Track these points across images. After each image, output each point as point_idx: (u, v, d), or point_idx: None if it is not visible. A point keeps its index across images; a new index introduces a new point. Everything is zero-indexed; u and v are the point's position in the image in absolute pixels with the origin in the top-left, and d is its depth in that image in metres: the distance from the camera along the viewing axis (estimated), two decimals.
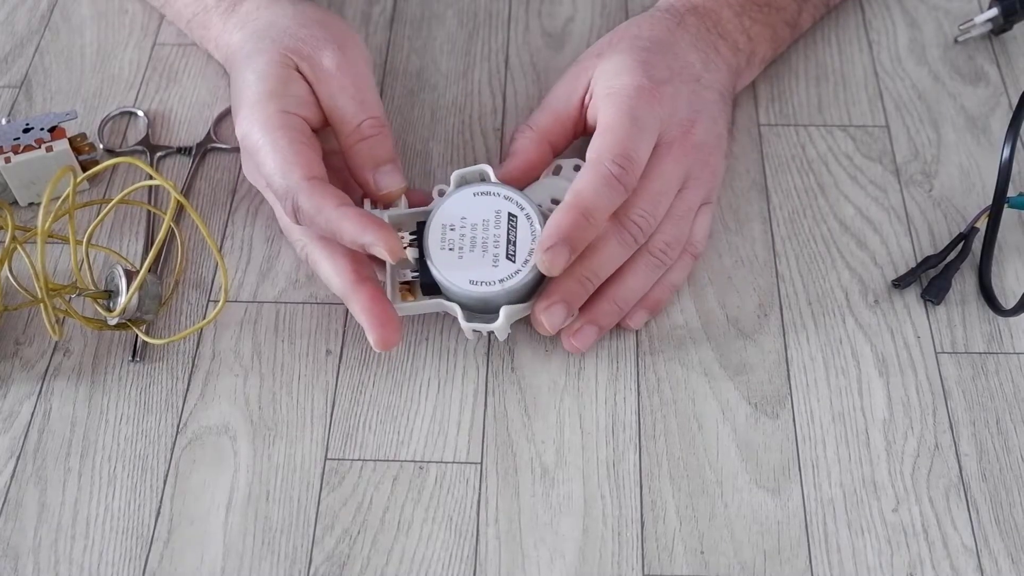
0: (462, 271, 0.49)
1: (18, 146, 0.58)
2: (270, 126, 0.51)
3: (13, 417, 0.52)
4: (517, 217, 0.50)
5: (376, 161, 0.52)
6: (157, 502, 0.49)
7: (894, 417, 0.50)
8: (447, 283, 0.50)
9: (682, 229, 0.53)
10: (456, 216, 0.50)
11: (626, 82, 0.52)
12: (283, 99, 0.52)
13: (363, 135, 0.52)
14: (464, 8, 0.69)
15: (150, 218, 0.59)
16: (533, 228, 0.50)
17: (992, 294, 0.54)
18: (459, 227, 0.50)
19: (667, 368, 0.52)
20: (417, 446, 0.50)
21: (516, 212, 0.50)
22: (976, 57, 0.64)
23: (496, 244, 0.50)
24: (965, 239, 0.55)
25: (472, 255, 0.49)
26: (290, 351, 0.54)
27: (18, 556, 0.48)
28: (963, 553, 0.47)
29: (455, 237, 0.50)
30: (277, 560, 0.47)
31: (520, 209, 0.50)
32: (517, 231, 0.50)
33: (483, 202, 0.51)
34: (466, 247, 0.50)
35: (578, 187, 0.49)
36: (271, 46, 0.54)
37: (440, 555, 0.47)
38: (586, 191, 0.49)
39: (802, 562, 0.47)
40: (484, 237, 0.50)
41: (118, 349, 0.54)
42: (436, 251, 0.50)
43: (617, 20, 0.67)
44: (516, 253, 0.49)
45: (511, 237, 0.50)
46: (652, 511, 0.48)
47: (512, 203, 0.50)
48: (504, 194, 0.50)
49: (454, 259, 0.50)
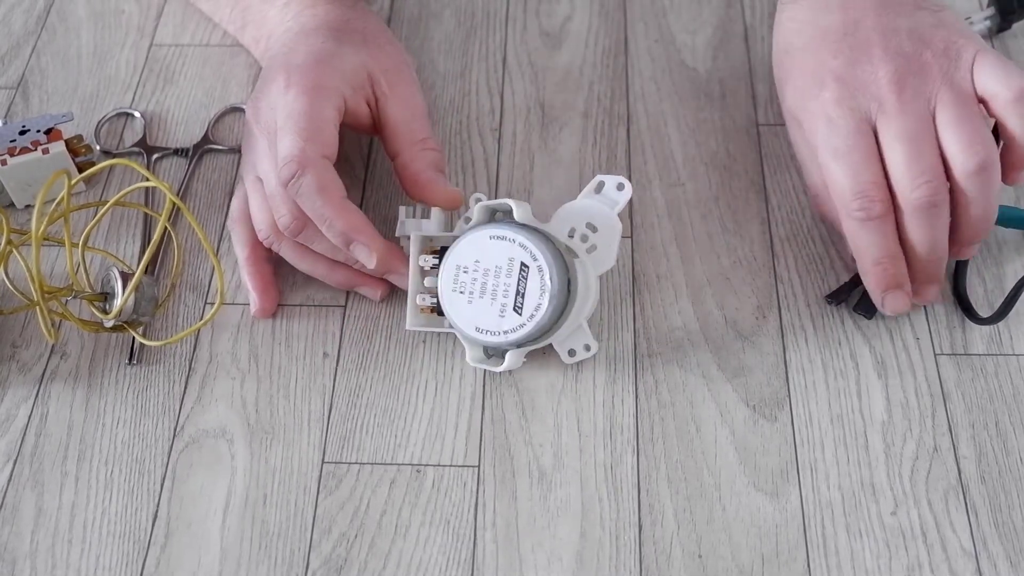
0: (470, 317, 0.50)
1: (14, 148, 0.58)
2: (316, 93, 0.52)
3: (10, 420, 0.52)
4: (529, 268, 0.49)
5: (440, 169, 0.55)
6: (154, 506, 0.49)
7: (893, 419, 0.50)
8: (455, 325, 0.50)
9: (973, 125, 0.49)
10: (471, 258, 0.50)
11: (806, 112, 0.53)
12: (340, 79, 0.53)
13: (427, 146, 0.55)
14: (461, 7, 0.69)
15: (146, 220, 0.59)
16: (543, 281, 0.49)
17: (968, 303, 0.53)
18: (471, 270, 0.50)
19: (665, 370, 0.52)
20: (414, 449, 0.50)
21: (529, 263, 0.49)
22: None
23: (505, 294, 0.50)
24: None
25: (481, 302, 0.50)
26: (287, 354, 0.54)
27: (15, 560, 0.48)
28: (962, 556, 0.47)
29: (467, 280, 0.50)
30: (274, 564, 0.47)
31: (533, 260, 0.49)
32: (527, 283, 0.49)
33: (498, 247, 0.50)
34: (476, 292, 0.50)
35: (856, 249, 0.51)
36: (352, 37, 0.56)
37: (437, 559, 0.47)
38: (862, 247, 0.51)
39: (800, 565, 0.47)
40: (495, 285, 0.50)
41: (115, 352, 0.54)
42: (447, 292, 0.50)
43: (616, 19, 0.67)
44: (524, 306, 0.49)
45: (520, 288, 0.49)
46: (650, 514, 0.48)
47: (527, 252, 0.49)
48: (520, 241, 0.49)
49: (463, 303, 0.50)
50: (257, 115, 0.54)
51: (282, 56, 0.55)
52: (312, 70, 0.53)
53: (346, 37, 0.55)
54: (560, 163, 0.60)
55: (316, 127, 0.51)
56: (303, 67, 0.53)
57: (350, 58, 0.54)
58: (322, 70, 0.53)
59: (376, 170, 0.61)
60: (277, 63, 0.55)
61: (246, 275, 0.55)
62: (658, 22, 0.67)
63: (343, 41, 0.55)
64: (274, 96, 0.53)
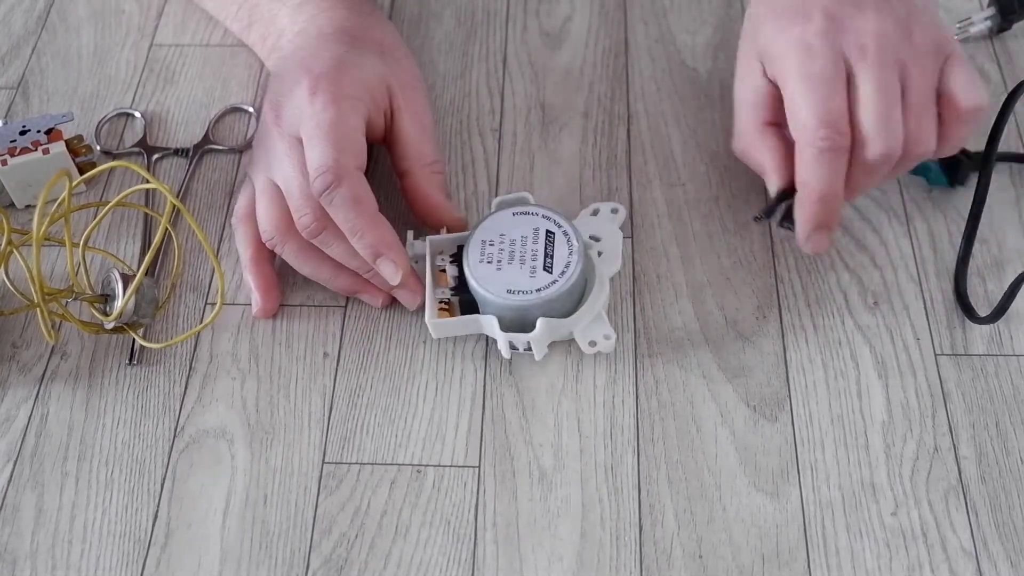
0: (500, 282, 0.50)
1: (15, 148, 0.58)
2: (345, 103, 0.52)
3: (10, 421, 0.52)
4: (555, 233, 0.51)
5: (446, 190, 0.56)
6: (154, 506, 0.49)
7: (893, 420, 0.50)
8: (485, 293, 0.50)
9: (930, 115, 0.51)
10: (495, 232, 0.52)
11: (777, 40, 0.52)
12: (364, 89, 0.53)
13: (436, 169, 0.56)
14: (462, 7, 0.69)
15: (147, 220, 0.59)
16: (570, 243, 0.51)
17: (968, 302, 0.53)
18: (498, 243, 0.51)
19: (665, 371, 0.52)
20: (415, 449, 0.50)
21: (554, 229, 0.51)
22: (976, 56, 0.64)
23: (534, 257, 0.51)
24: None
25: (511, 267, 0.51)
26: (287, 354, 0.54)
27: (16, 560, 0.48)
28: (962, 556, 0.47)
29: (494, 251, 0.51)
30: (275, 564, 0.47)
31: (558, 227, 0.51)
32: (555, 246, 0.51)
33: (522, 220, 0.52)
34: (504, 260, 0.51)
35: (804, 180, 0.50)
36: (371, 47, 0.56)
37: (438, 559, 0.47)
38: (810, 180, 0.50)
39: (801, 565, 0.47)
40: (523, 251, 0.51)
41: (115, 352, 0.54)
42: (475, 264, 0.51)
43: (616, 19, 0.67)
44: (554, 265, 0.50)
45: (548, 251, 0.51)
46: (650, 515, 0.48)
47: (550, 221, 0.52)
48: (543, 214, 0.52)
49: (492, 271, 0.51)
50: (279, 118, 0.53)
51: (300, 59, 0.55)
52: (338, 79, 0.53)
53: (366, 47, 0.56)
54: (560, 163, 0.60)
55: (347, 138, 0.52)
56: (329, 75, 0.53)
57: (371, 69, 0.54)
58: (348, 80, 0.53)
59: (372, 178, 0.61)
60: (295, 65, 0.55)
61: (249, 275, 0.55)
62: (658, 22, 0.67)
63: (364, 51, 0.55)
64: (299, 101, 0.53)
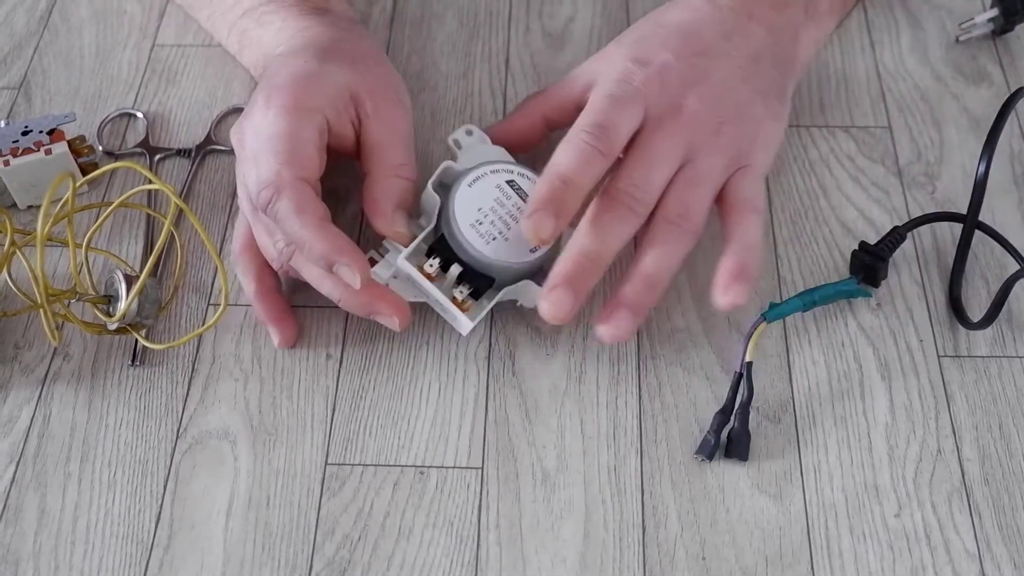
0: (518, 248, 0.51)
1: (17, 149, 0.58)
2: (295, 113, 0.51)
3: (13, 422, 0.52)
4: (514, 180, 0.52)
5: (401, 202, 0.52)
6: (157, 507, 0.49)
7: (896, 421, 0.50)
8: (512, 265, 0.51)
9: (699, 195, 0.51)
10: (473, 210, 0.51)
11: (610, 67, 0.53)
12: (322, 99, 0.52)
13: (399, 174, 0.53)
14: (464, 8, 0.68)
15: (149, 220, 0.59)
16: (531, 178, 0.52)
17: (961, 308, 0.53)
18: (484, 219, 0.51)
19: (668, 372, 0.52)
20: (418, 451, 0.50)
21: (512, 176, 0.52)
22: (979, 57, 0.64)
23: (519, 208, 0.51)
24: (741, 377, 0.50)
25: (512, 231, 0.51)
26: (290, 355, 0.54)
27: (18, 562, 0.48)
28: (966, 559, 0.47)
29: (488, 227, 0.51)
30: (277, 566, 0.47)
31: (510, 172, 0.52)
32: (526, 190, 0.52)
33: (482, 186, 0.52)
34: (502, 230, 0.51)
35: (554, 159, 0.50)
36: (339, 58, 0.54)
37: (441, 561, 0.47)
38: (561, 159, 0.50)
39: (804, 567, 0.47)
40: (507, 212, 0.51)
41: (118, 353, 0.54)
42: (486, 248, 0.50)
43: (618, 20, 0.67)
44: None
45: (524, 197, 0.52)
46: (653, 516, 0.48)
47: (500, 172, 0.52)
48: (490, 169, 0.52)
49: (502, 243, 0.51)
50: (242, 140, 0.52)
51: (266, 78, 0.54)
52: (292, 90, 0.52)
53: (332, 57, 0.54)
54: None
55: (294, 148, 0.50)
56: (283, 87, 0.52)
57: (333, 77, 0.53)
58: (302, 89, 0.52)
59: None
60: (261, 84, 0.54)
61: (259, 309, 0.54)
62: None
63: (328, 60, 0.53)
64: (256, 118, 0.52)
